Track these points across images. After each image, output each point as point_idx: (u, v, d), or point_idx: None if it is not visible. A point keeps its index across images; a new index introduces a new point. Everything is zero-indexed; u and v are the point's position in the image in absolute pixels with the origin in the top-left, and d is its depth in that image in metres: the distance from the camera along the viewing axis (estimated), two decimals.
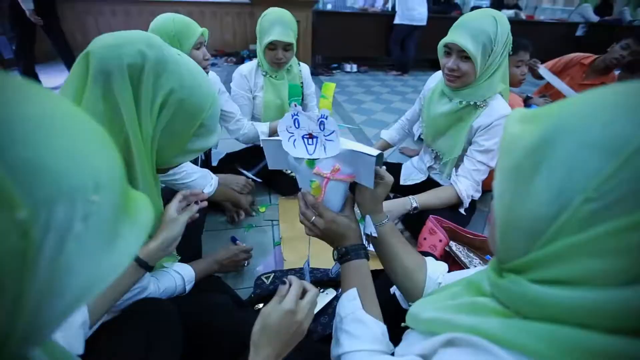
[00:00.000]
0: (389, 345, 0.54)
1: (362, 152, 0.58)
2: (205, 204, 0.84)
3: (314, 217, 0.64)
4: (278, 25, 1.40)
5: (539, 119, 0.31)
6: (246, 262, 1.22)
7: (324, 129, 0.59)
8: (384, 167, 0.66)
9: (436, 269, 0.65)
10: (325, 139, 0.60)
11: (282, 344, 0.54)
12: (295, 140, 0.63)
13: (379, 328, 0.55)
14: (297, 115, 0.60)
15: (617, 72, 2.29)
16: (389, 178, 0.64)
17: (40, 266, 0.20)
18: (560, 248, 0.28)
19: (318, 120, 0.59)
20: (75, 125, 0.23)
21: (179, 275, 0.88)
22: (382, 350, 0.53)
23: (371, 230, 0.67)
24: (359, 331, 0.54)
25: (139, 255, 0.71)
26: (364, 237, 0.68)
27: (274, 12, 1.43)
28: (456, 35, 1.04)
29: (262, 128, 1.54)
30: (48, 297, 0.21)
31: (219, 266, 1.09)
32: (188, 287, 0.91)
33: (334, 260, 0.66)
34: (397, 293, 0.71)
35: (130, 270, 0.70)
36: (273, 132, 1.54)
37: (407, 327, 0.52)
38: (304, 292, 0.59)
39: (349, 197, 0.67)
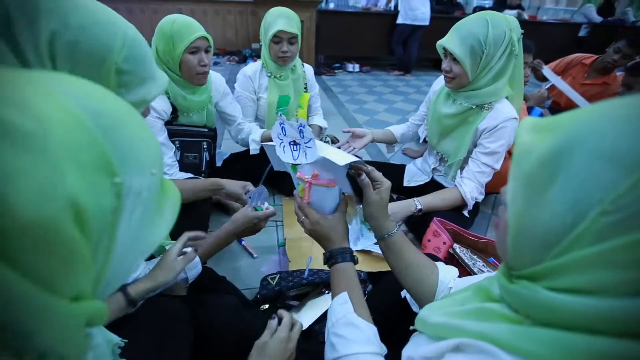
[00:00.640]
0: (381, 346, 0.55)
1: (332, 160, 0.62)
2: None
3: (302, 218, 0.69)
4: (282, 17, 1.43)
5: (551, 128, 0.31)
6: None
7: (303, 136, 0.63)
8: (380, 172, 0.68)
9: (447, 274, 0.66)
10: (306, 146, 0.64)
11: None
12: (284, 146, 0.67)
13: (371, 330, 0.57)
14: (283, 123, 0.64)
15: (618, 73, 2.30)
16: (387, 182, 0.68)
17: (122, 224, 0.26)
18: (575, 259, 0.28)
19: (298, 128, 0.63)
20: (133, 115, 0.30)
21: None
22: (375, 352, 0.54)
23: (366, 245, 0.69)
24: (352, 334, 0.55)
25: (129, 290, 0.70)
26: (353, 242, 0.69)
27: (277, 9, 1.47)
28: (446, 38, 1.08)
29: (255, 136, 1.54)
30: (124, 252, 0.27)
31: (237, 237, 1.01)
32: (192, 274, 0.85)
33: (324, 263, 0.69)
34: (408, 297, 0.72)
35: (118, 299, 0.69)
36: (264, 140, 1.54)
37: (414, 330, 0.53)
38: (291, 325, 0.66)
39: (342, 200, 0.70)
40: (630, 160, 0.25)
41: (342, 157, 0.62)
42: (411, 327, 0.52)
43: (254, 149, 1.53)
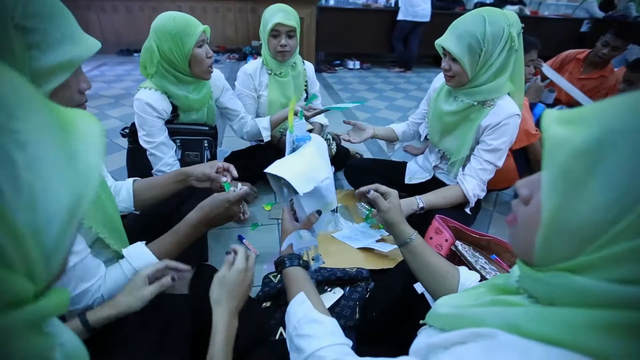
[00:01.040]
0: (345, 338, 0.56)
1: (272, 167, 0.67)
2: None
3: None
4: (280, 11, 1.44)
5: (582, 120, 0.31)
6: (245, 213, 1.02)
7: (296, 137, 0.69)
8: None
9: (469, 277, 0.68)
10: (292, 148, 0.70)
11: (239, 297, 0.65)
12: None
13: (332, 323, 0.57)
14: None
15: (616, 69, 2.32)
16: (394, 191, 0.76)
17: (13, 203, 0.21)
18: (617, 252, 0.27)
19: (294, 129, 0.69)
20: None
21: (131, 269, 0.75)
22: (342, 342, 0.54)
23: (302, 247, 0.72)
24: (317, 330, 0.55)
25: (87, 318, 0.64)
26: (298, 250, 0.72)
27: (275, 5, 1.48)
28: (444, 37, 1.07)
29: (264, 123, 1.54)
30: (41, 225, 0.23)
31: (207, 228, 0.85)
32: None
33: (275, 269, 0.72)
34: (427, 294, 0.74)
35: (75, 325, 0.64)
36: (274, 125, 1.54)
37: (418, 327, 0.54)
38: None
39: (310, 217, 0.73)
40: None
41: (287, 169, 0.66)
42: (421, 322, 0.53)
43: (266, 136, 1.54)
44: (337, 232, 1.42)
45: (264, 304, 1.07)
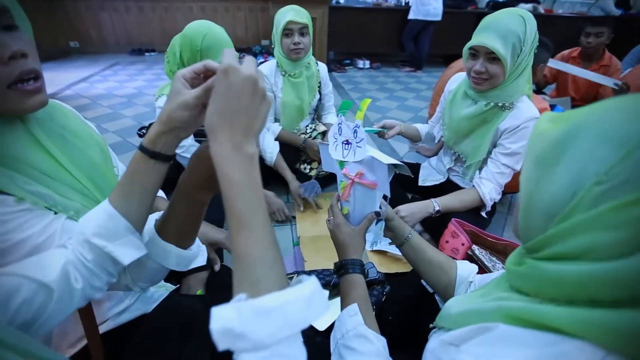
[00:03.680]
0: (388, 358, 0.56)
1: (377, 159, 0.66)
2: None
3: (330, 217, 0.74)
4: (291, 10, 1.46)
5: (564, 118, 0.36)
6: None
7: (356, 136, 0.68)
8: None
9: (466, 268, 0.71)
10: (357, 145, 0.68)
11: (246, 117, 0.38)
12: (337, 144, 0.72)
13: (380, 342, 0.57)
14: (341, 124, 0.69)
15: (628, 69, 2.31)
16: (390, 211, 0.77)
17: None
18: (573, 224, 0.33)
19: (353, 128, 0.67)
20: None
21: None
22: None
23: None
24: (363, 347, 0.55)
25: (143, 144, 0.48)
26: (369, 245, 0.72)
27: (286, 6, 1.49)
28: (484, 37, 1.01)
29: (270, 148, 1.56)
30: None
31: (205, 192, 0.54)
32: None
33: (334, 272, 0.70)
34: (437, 296, 0.76)
35: (138, 160, 0.48)
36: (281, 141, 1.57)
37: (431, 330, 0.56)
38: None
39: (370, 217, 0.72)
40: (621, 138, 0.30)
41: (387, 159, 0.67)
42: (431, 325, 0.55)
43: (270, 159, 1.57)
44: None
45: None
